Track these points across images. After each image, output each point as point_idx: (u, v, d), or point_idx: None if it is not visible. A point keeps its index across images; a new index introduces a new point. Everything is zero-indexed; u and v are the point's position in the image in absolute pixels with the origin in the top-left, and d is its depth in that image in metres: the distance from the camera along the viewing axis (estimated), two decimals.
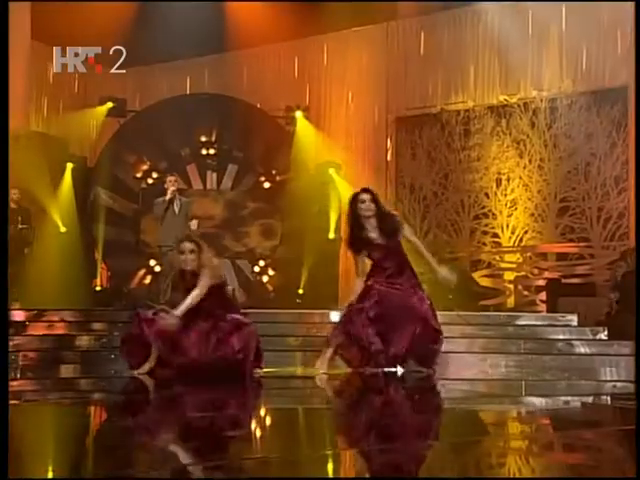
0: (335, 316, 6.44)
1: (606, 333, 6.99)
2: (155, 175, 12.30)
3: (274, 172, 12.56)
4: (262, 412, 4.14)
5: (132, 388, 5.32)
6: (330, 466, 2.51)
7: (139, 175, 12.46)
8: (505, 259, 11.80)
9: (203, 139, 12.62)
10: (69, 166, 12.06)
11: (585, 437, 3.15)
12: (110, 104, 12.43)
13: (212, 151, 12.64)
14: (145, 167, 12.52)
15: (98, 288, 11.97)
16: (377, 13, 12.35)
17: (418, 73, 12.50)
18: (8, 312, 4.79)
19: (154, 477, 2.26)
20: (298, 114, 12.66)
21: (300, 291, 11.65)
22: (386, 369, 5.71)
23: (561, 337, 7.16)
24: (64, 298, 10.00)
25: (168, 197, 9.03)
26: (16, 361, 6.38)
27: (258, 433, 3.33)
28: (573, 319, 7.39)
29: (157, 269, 11.28)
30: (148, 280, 12.00)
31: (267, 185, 12.60)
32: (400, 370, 5.74)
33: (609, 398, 5.32)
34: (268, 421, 3.79)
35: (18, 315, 8.00)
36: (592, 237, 11.17)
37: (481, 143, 12.05)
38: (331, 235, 11.79)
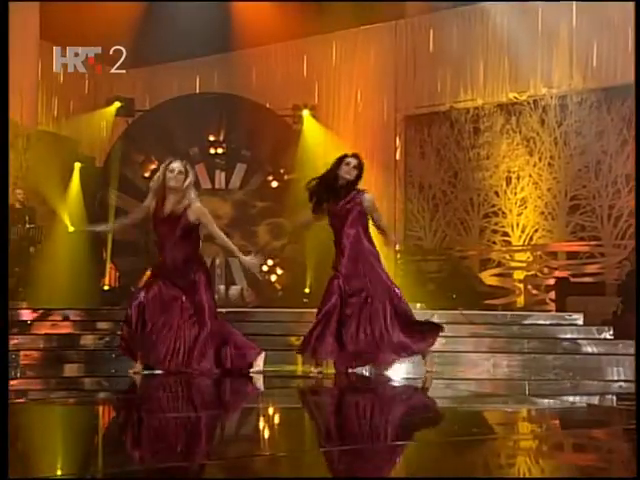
0: None
1: (612, 332, 6.93)
2: None
3: (282, 171, 12.55)
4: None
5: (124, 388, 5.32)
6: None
7: (147, 174, 12.46)
8: (515, 258, 11.72)
9: (211, 138, 12.63)
10: (77, 166, 12.12)
11: (592, 436, 3.13)
12: (118, 104, 12.48)
13: (220, 150, 12.64)
14: (153, 166, 12.51)
15: (106, 287, 12.01)
16: (385, 12, 12.31)
17: (427, 71, 12.44)
18: (8, 312, 4.78)
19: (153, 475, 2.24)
20: (305, 113, 12.63)
21: (307, 290, 11.62)
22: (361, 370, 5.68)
23: (567, 336, 7.11)
24: (72, 297, 10.03)
25: None
26: (16, 360, 6.39)
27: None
28: (579, 318, 7.34)
29: None
30: None
31: (275, 184, 12.59)
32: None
33: (614, 397, 5.27)
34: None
35: (25, 314, 8.03)
36: (603, 235, 11.08)
37: (491, 141, 11.98)
38: None
